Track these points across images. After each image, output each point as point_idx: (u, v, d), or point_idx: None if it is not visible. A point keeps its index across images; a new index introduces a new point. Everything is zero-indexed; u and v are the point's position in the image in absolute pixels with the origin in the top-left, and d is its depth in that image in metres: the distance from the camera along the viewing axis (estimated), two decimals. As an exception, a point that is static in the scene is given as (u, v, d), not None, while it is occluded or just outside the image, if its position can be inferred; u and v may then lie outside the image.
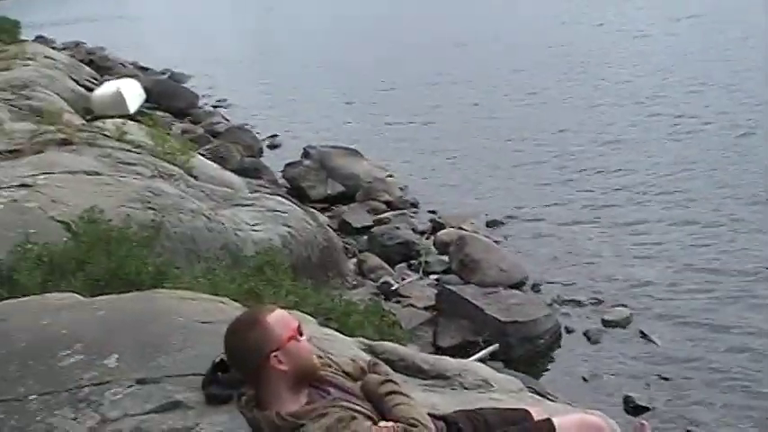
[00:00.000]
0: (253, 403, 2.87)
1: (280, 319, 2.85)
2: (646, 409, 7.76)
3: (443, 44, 31.56)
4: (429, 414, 3.06)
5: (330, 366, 3.13)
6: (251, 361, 2.86)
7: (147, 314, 4.43)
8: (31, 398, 3.56)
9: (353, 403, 2.87)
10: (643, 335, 9.32)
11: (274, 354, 2.80)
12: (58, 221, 6.94)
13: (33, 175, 8.10)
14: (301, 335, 2.88)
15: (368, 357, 3.73)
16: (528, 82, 23.40)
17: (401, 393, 2.97)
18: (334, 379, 3.02)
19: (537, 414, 3.28)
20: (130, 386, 3.61)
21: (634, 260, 11.44)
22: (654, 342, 9.12)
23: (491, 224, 13.43)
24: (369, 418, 2.83)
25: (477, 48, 30.08)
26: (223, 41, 42.04)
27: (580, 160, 16.13)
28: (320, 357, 3.19)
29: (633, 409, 7.77)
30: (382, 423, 2.82)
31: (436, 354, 6.67)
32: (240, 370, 3.00)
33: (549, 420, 3.07)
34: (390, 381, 3.04)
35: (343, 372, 3.14)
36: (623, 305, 10.05)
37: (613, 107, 19.65)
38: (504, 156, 17.19)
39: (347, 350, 4.46)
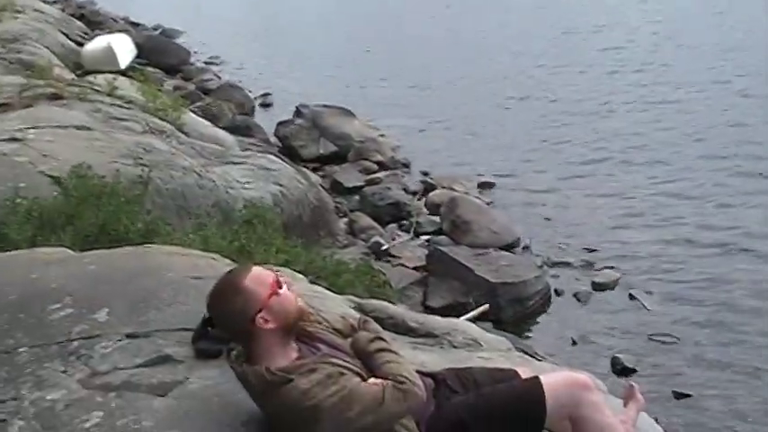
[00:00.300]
0: (242, 358, 2.87)
1: (257, 278, 2.82)
2: (633, 370, 7.84)
3: (441, 6, 31.27)
4: (418, 371, 3.07)
5: (320, 323, 3.13)
6: (238, 325, 2.85)
7: (138, 269, 4.42)
8: (20, 350, 3.55)
9: (343, 360, 2.88)
10: (632, 297, 9.38)
11: (259, 315, 2.79)
12: (48, 176, 6.89)
13: (23, 129, 8.01)
14: (280, 286, 2.85)
15: (358, 315, 3.73)
16: (524, 46, 23.25)
17: (390, 351, 2.98)
18: (324, 336, 3.03)
19: (524, 374, 3.30)
20: (120, 340, 3.61)
21: (624, 224, 11.50)
22: (643, 304, 9.19)
23: (483, 186, 13.44)
24: (358, 374, 2.84)
25: (476, 11, 29.80)
26: (216, -2, 41.55)
27: (574, 125, 16.11)
28: (311, 314, 3.19)
29: (621, 370, 7.85)
30: (371, 380, 2.83)
31: (426, 314, 6.70)
32: (228, 333, 3.00)
33: (536, 378, 3.08)
34: (380, 338, 3.04)
35: (334, 329, 3.15)
36: (613, 268, 10.11)
37: (609, 74, 19.59)
38: (498, 119, 17.15)
39: (337, 308, 4.46)
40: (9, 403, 3.13)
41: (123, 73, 14.84)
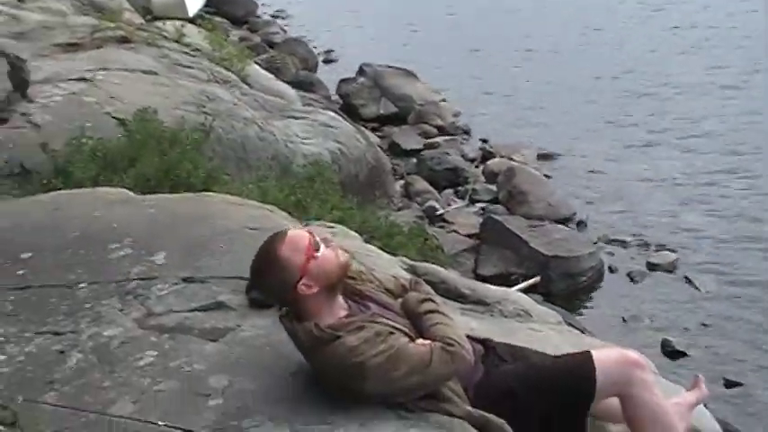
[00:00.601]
0: (292, 315, 2.89)
1: (292, 244, 2.78)
2: (684, 354, 7.74)
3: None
4: (468, 336, 3.06)
5: (372, 282, 3.13)
6: (282, 294, 2.87)
7: (196, 216, 4.47)
8: (80, 286, 3.63)
9: (392, 320, 2.88)
10: (688, 281, 9.22)
11: (300, 283, 2.77)
12: (114, 118, 7.00)
13: (92, 70, 8.13)
14: (317, 248, 2.80)
15: (409, 276, 3.72)
16: (591, 21, 22.71)
17: (440, 313, 2.96)
18: (374, 295, 3.02)
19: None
20: (176, 283, 3.67)
21: (684, 207, 11.27)
22: (698, 288, 9.03)
23: (542, 157, 13.28)
24: (406, 335, 2.84)
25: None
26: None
27: (640, 104, 15.75)
28: (362, 272, 3.19)
29: (671, 353, 7.76)
30: (419, 341, 2.82)
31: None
32: (275, 302, 3.02)
33: (587, 352, 3.03)
34: (430, 300, 3.02)
35: (385, 288, 3.13)
36: (670, 249, 9.94)
37: (679, 54, 19.04)
38: (561, 91, 16.85)
39: (389, 268, 4.46)
40: (68, 336, 3.21)
41: (191, 21, 14.90)
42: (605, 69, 18.07)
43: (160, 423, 2.51)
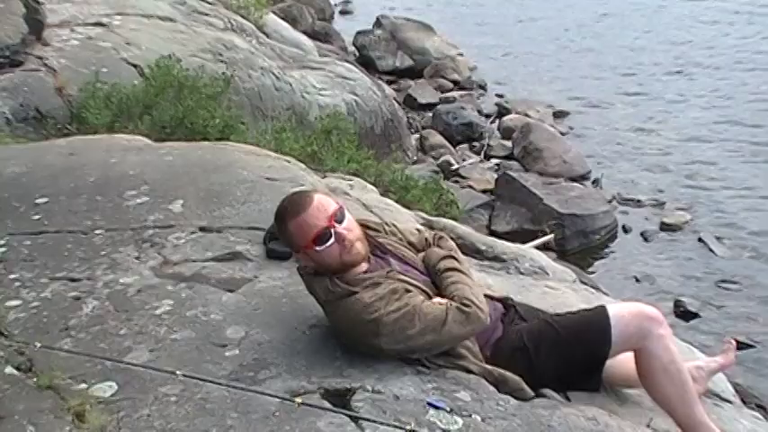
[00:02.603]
0: (310, 267, 2.87)
1: (301, 226, 2.76)
2: (696, 315, 7.69)
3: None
4: (487, 295, 3.02)
5: (395, 235, 3.09)
6: (291, 248, 2.94)
7: (214, 164, 4.45)
8: (97, 232, 3.62)
9: (411, 276, 2.85)
10: (701, 241, 9.15)
11: (299, 254, 2.86)
12: (130, 63, 6.95)
13: (109, 14, 8.04)
14: (323, 242, 2.74)
15: (433, 231, 3.65)
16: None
17: (460, 271, 2.92)
18: (396, 249, 2.99)
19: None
20: (193, 232, 3.66)
21: (699, 168, 11.13)
22: (711, 249, 8.96)
23: (558, 114, 13.14)
24: (424, 292, 2.81)
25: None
26: None
27: (657, 62, 15.53)
28: (385, 224, 3.16)
29: (683, 314, 7.70)
30: (436, 299, 2.80)
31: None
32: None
33: (602, 307, 2.99)
34: (452, 257, 2.98)
35: (408, 242, 3.10)
36: (684, 210, 9.86)
37: (708, 24, 18.64)
38: (579, 48, 16.64)
39: (406, 223, 4.43)
40: (84, 282, 3.20)
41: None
42: (625, 28, 17.81)
43: (178, 372, 2.50)
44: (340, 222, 2.78)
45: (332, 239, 2.75)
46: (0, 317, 2.93)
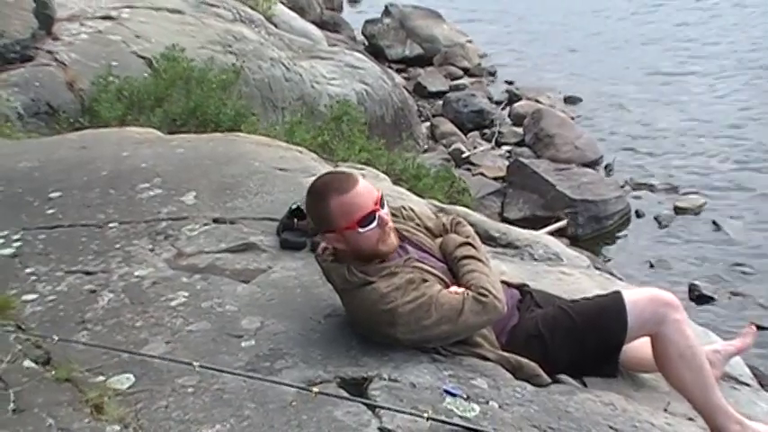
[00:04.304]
0: (330, 252, 2.86)
1: (346, 205, 2.69)
2: (711, 299, 7.68)
3: None
4: (504, 282, 3.01)
5: (413, 220, 3.07)
6: (316, 226, 2.89)
7: (226, 156, 4.45)
8: (110, 225, 3.63)
9: (428, 265, 2.82)
10: (716, 225, 9.12)
11: (330, 234, 2.77)
12: (140, 57, 6.96)
13: (117, 7, 8.05)
14: (367, 224, 2.70)
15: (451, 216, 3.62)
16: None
17: (478, 259, 2.89)
18: (413, 236, 2.96)
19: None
20: (206, 224, 3.66)
21: (713, 152, 11.09)
22: (726, 233, 8.92)
23: (569, 100, 13.11)
24: (441, 280, 2.80)
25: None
26: None
27: (668, 46, 15.43)
28: (402, 208, 3.14)
29: (698, 298, 7.69)
30: (453, 288, 2.78)
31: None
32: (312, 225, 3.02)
33: (617, 293, 2.96)
34: (469, 243, 2.96)
35: (425, 227, 3.08)
36: (698, 193, 9.83)
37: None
38: (589, 35, 16.54)
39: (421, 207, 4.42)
40: (99, 275, 3.21)
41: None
42: (636, 14, 17.68)
43: (195, 363, 2.50)
44: (383, 208, 2.76)
45: (375, 223, 2.71)
46: (17, 311, 2.94)
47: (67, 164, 4.38)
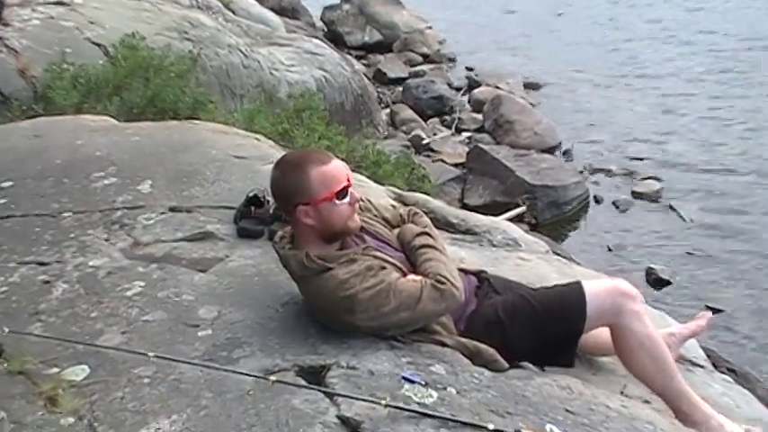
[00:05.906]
0: (287, 240, 2.84)
1: (326, 175, 2.69)
2: (668, 282, 7.79)
3: None
4: (461, 269, 3.02)
5: (370, 211, 3.07)
6: (282, 202, 2.82)
7: (182, 144, 4.41)
8: (65, 215, 3.57)
9: (386, 253, 2.83)
10: (672, 209, 9.25)
11: (303, 206, 2.71)
12: (95, 44, 6.84)
13: (70, -7, 7.90)
14: (343, 197, 2.71)
15: (408, 207, 3.63)
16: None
17: (435, 248, 2.90)
18: (370, 227, 2.95)
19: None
20: (163, 213, 3.62)
21: (670, 137, 11.27)
22: (682, 218, 9.06)
23: (528, 86, 13.18)
24: (399, 269, 2.80)
25: None
26: None
27: (627, 35, 15.58)
28: (360, 200, 3.14)
29: (655, 281, 7.80)
30: (411, 276, 2.78)
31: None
32: (277, 204, 2.97)
33: (577, 282, 3.00)
34: (426, 233, 2.97)
35: (383, 218, 3.08)
36: (655, 178, 9.95)
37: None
38: (548, 20, 16.66)
39: (378, 198, 4.41)
40: (53, 266, 3.16)
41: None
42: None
43: (150, 354, 2.48)
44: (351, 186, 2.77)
45: (347, 198, 2.73)
46: (-32, 303, 2.89)
47: (20, 152, 4.31)
